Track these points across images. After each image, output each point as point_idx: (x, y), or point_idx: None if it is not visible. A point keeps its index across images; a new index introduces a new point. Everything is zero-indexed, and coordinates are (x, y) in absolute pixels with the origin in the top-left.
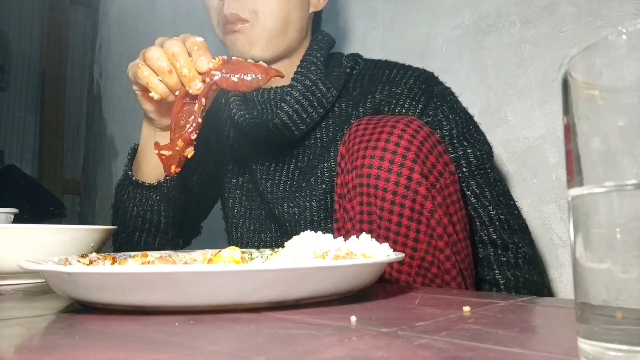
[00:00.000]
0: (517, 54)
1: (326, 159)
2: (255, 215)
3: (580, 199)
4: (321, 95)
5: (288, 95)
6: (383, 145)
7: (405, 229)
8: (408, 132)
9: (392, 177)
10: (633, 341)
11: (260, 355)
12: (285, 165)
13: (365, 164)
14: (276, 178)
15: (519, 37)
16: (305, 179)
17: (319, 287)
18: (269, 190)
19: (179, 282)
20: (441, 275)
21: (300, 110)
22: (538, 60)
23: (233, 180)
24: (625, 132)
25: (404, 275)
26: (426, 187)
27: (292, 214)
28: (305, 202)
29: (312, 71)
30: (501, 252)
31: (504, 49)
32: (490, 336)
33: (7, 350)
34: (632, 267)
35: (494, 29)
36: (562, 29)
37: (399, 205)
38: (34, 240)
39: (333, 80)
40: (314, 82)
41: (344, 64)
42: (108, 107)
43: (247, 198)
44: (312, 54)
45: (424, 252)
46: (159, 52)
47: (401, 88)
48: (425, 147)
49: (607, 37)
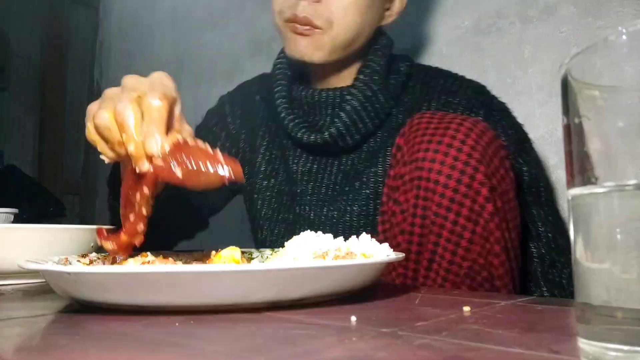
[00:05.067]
0: (517, 54)
1: (374, 164)
2: (282, 218)
3: (580, 199)
4: (379, 106)
5: (347, 104)
6: (449, 141)
7: (461, 228)
8: (475, 132)
9: (454, 174)
10: (633, 341)
11: (260, 355)
12: (327, 168)
13: (427, 158)
14: (318, 180)
15: (519, 37)
16: (349, 183)
17: (319, 287)
18: (310, 193)
19: (179, 282)
20: (491, 280)
21: (357, 121)
22: (538, 60)
23: (265, 182)
24: (625, 132)
25: (452, 275)
26: (489, 189)
27: (330, 217)
28: (346, 206)
29: (374, 81)
30: (547, 270)
31: (504, 49)
32: (491, 336)
33: (7, 350)
34: (632, 268)
35: (494, 29)
36: (562, 29)
37: (458, 203)
38: (34, 240)
39: (391, 89)
40: (375, 93)
41: (401, 71)
42: None
43: (276, 201)
44: (375, 61)
45: (476, 255)
46: (109, 120)
47: (458, 98)
48: (491, 149)
49: (607, 38)
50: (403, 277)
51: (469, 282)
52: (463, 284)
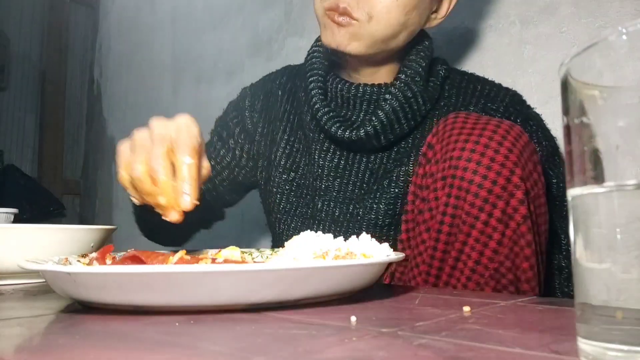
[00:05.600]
0: (517, 54)
1: (404, 163)
2: (299, 213)
3: (580, 199)
4: (417, 108)
5: (386, 103)
6: (486, 142)
7: (491, 229)
8: (512, 135)
9: (490, 174)
10: (633, 341)
11: (260, 355)
12: (355, 165)
13: (463, 157)
14: (345, 177)
15: (519, 37)
16: (377, 182)
17: (319, 287)
18: (336, 189)
19: (179, 282)
20: (516, 282)
21: (394, 121)
22: (538, 60)
23: (284, 175)
24: (625, 132)
25: (477, 275)
26: (523, 192)
27: (354, 215)
28: (372, 204)
29: (416, 82)
30: (564, 282)
31: (504, 49)
32: (491, 336)
33: (7, 350)
34: (632, 267)
35: (493, 29)
36: (562, 29)
37: (491, 204)
38: (34, 240)
39: (430, 93)
40: (415, 94)
41: (440, 74)
42: (108, 107)
43: (295, 194)
44: (417, 62)
45: (504, 257)
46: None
47: (497, 105)
48: (526, 153)
49: (607, 38)
50: (426, 275)
51: (494, 284)
52: (487, 285)
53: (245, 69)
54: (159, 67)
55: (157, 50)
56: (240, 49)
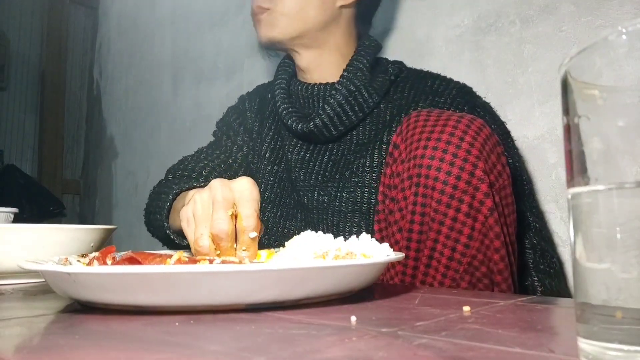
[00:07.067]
0: (516, 54)
1: (363, 156)
2: (283, 202)
3: (580, 198)
4: (363, 101)
5: (331, 98)
6: (447, 138)
7: (461, 224)
8: (472, 128)
9: (454, 170)
10: (633, 341)
11: (260, 355)
12: (319, 157)
13: (426, 155)
14: (309, 167)
15: (518, 36)
16: (339, 172)
17: (319, 287)
18: (302, 178)
19: (178, 282)
20: (490, 275)
21: (341, 113)
22: (538, 60)
23: (268, 167)
24: (625, 132)
25: (451, 271)
26: (488, 184)
27: (320, 202)
28: (336, 192)
29: (357, 77)
30: (539, 260)
31: (504, 49)
32: (491, 336)
33: (7, 350)
34: (632, 267)
35: (493, 29)
36: (562, 28)
37: (457, 200)
38: (34, 240)
39: (377, 86)
40: (358, 88)
41: (390, 71)
42: (108, 107)
43: (278, 186)
44: (359, 60)
45: (475, 250)
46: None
47: (444, 98)
48: (488, 145)
49: (607, 37)
50: (402, 275)
51: (468, 278)
52: (462, 279)
53: (245, 68)
54: (159, 67)
55: (157, 50)
56: (239, 48)
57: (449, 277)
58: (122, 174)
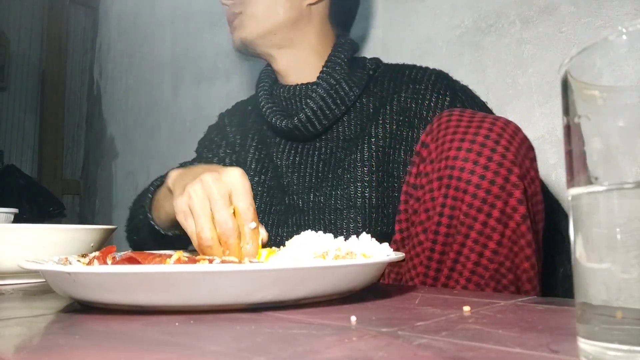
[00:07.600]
0: (516, 54)
1: (353, 152)
2: (274, 210)
3: (580, 198)
4: (344, 94)
5: (313, 92)
6: (482, 141)
7: (490, 230)
8: (508, 132)
9: (488, 174)
10: (633, 341)
11: (260, 355)
12: (309, 158)
13: (459, 156)
14: (301, 170)
15: (518, 37)
16: (331, 170)
17: (319, 287)
18: (295, 183)
19: (179, 282)
20: (517, 282)
21: (324, 107)
22: (538, 60)
23: (255, 178)
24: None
25: (476, 277)
26: (522, 191)
27: (317, 202)
28: (331, 190)
29: (336, 71)
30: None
31: (504, 49)
32: (491, 336)
33: (7, 350)
34: (632, 267)
35: (493, 29)
36: (562, 29)
37: (489, 205)
38: (34, 240)
39: (356, 80)
40: (338, 81)
41: (367, 66)
42: (108, 107)
43: (268, 194)
44: (336, 55)
45: (503, 257)
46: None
47: (424, 84)
48: (522, 150)
49: (607, 37)
50: (424, 277)
51: (494, 285)
52: (487, 286)
53: (244, 68)
54: (159, 67)
55: (157, 51)
56: None
57: (473, 282)
58: (122, 174)
